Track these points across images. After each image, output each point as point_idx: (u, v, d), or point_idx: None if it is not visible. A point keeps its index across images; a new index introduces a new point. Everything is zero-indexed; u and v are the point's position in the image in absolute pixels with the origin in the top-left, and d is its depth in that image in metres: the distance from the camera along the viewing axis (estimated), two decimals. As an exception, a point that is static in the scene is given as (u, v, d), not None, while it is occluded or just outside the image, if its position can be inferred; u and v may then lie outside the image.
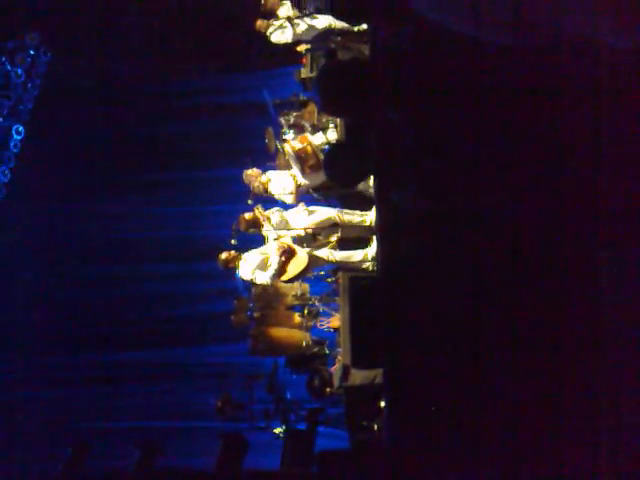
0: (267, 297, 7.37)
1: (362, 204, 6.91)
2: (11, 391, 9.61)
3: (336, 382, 6.42)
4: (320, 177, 6.95)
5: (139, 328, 9.42)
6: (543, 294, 3.23)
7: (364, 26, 6.88)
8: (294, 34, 7.94)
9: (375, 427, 6.06)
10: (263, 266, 6.55)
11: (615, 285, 2.94)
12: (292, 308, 7.41)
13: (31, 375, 9.70)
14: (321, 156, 7.00)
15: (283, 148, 7.35)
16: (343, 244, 7.03)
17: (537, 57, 2.38)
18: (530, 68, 2.48)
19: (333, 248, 6.98)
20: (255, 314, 7.35)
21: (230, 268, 6.74)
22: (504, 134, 2.68)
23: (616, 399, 3.04)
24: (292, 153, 7.02)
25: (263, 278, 6.58)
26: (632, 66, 2.26)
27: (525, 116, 2.62)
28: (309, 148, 7.00)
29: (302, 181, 7.21)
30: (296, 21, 7.89)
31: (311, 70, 8.18)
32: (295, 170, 7.18)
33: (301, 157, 6.94)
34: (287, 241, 6.73)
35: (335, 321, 7.03)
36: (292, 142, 7.29)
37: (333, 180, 5.26)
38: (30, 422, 9.44)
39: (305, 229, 6.94)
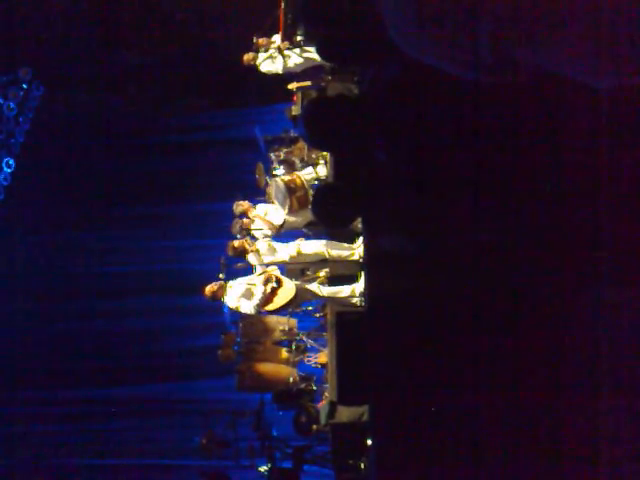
0: (254, 332, 7.31)
1: (350, 237, 6.91)
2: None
3: (323, 419, 6.34)
4: (307, 215, 6.95)
5: (124, 363, 9.31)
6: (540, 334, 3.18)
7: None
8: (285, 66, 8.00)
9: (362, 466, 5.96)
10: (249, 295, 6.50)
11: (617, 325, 2.89)
12: (279, 343, 7.35)
13: (16, 411, 9.56)
14: (310, 191, 7.02)
15: (272, 183, 7.36)
16: (332, 279, 7.00)
17: (531, 96, 2.40)
18: (524, 107, 2.49)
19: (321, 283, 6.95)
20: (242, 349, 7.29)
21: (217, 299, 6.68)
22: (496, 173, 2.68)
23: (615, 435, 2.99)
24: (282, 185, 7.03)
25: (247, 307, 6.52)
26: (617, 107, 2.28)
27: (519, 155, 2.62)
28: (298, 180, 7.03)
29: (280, 221, 7.21)
30: (287, 52, 7.95)
31: (302, 108, 8.23)
32: (279, 208, 7.18)
33: (290, 188, 6.96)
34: (275, 273, 6.71)
35: (323, 357, 6.97)
36: (282, 176, 7.34)
37: (321, 222, 5.26)
38: (17, 458, 9.28)
39: (292, 261, 6.91)
